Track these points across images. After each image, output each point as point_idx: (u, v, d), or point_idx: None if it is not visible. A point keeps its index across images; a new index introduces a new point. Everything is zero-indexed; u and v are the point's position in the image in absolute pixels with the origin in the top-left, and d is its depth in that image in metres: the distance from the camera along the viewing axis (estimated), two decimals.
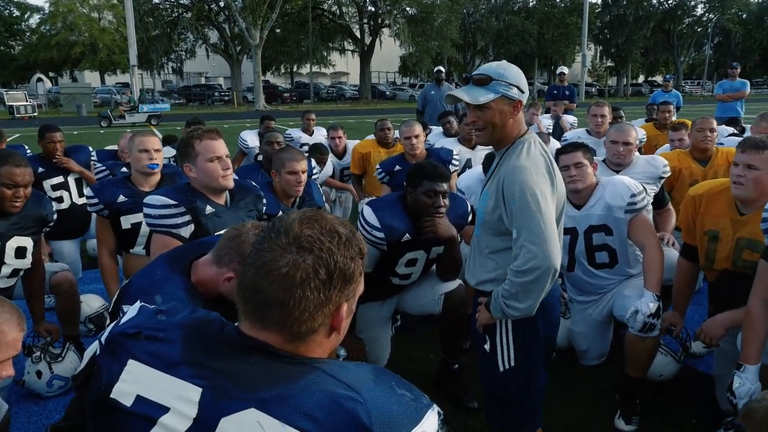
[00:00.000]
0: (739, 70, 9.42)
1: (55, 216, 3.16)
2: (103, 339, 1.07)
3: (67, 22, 40.39)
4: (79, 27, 40.03)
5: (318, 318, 0.95)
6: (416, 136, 4.56)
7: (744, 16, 51.17)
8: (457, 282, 3.01)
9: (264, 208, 2.79)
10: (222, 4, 37.22)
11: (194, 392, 0.92)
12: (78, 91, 30.47)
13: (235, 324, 1.00)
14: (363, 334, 3.03)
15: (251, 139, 6.42)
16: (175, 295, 1.75)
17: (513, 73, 1.96)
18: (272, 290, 0.92)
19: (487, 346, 2.13)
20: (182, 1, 38.39)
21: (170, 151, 5.01)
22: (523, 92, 1.97)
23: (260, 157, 5.49)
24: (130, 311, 1.09)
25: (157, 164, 3.12)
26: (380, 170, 4.71)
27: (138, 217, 3.04)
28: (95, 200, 3.09)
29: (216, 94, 40.09)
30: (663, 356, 2.97)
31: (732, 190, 2.53)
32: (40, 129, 4.57)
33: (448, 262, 2.94)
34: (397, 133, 5.81)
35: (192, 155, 2.44)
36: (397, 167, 4.59)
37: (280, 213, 2.96)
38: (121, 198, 3.08)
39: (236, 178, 2.65)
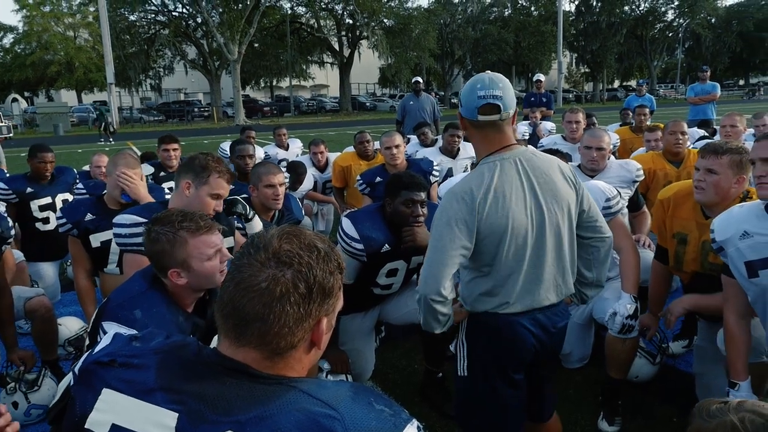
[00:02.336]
0: (709, 73, 9.63)
1: (12, 232, 3.12)
2: (76, 369, 1.06)
3: (42, 41, 40.00)
4: (54, 46, 39.66)
5: (298, 333, 0.95)
6: (396, 146, 4.59)
7: (713, 20, 52.37)
8: None
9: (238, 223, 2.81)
10: (199, 20, 37.13)
11: (170, 418, 0.92)
12: (54, 111, 30.14)
13: (212, 347, 1.00)
14: (346, 346, 3.02)
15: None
16: (155, 310, 1.76)
17: (464, 88, 1.98)
18: (252, 306, 0.92)
19: (452, 347, 2.17)
20: (159, 18, 38.26)
21: (148, 169, 4.97)
22: (469, 110, 1.92)
23: None
24: (104, 339, 1.08)
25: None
26: (361, 182, 4.73)
27: (107, 235, 3.02)
28: (63, 220, 3.08)
29: (195, 109, 39.88)
30: (638, 358, 3.02)
31: (694, 195, 2.56)
32: (30, 148, 4.53)
33: None
34: (377, 144, 5.85)
35: (203, 178, 2.45)
36: (378, 178, 4.61)
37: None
38: (89, 216, 3.06)
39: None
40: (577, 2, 51.86)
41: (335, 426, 0.86)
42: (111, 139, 22.63)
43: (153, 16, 38.27)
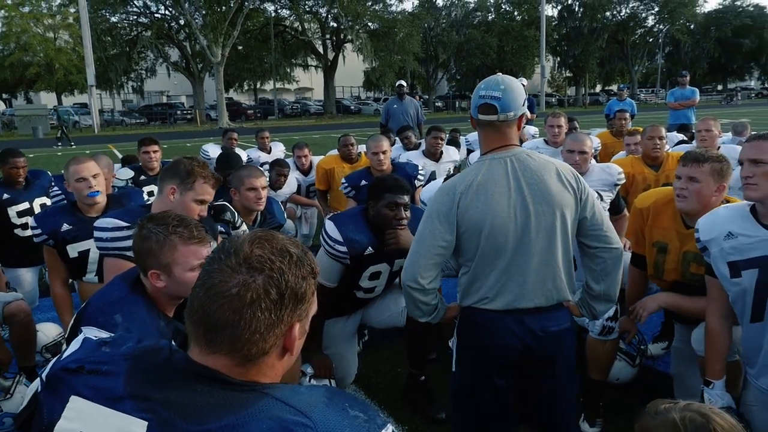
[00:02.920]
0: (688, 79, 9.77)
1: None
2: (44, 376, 1.03)
3: (21, 43, 39.34)
4: (33, 47, 39.03)
5: (269, 339, 0.93)
6: (384, 152, 4.58)
7: (692, 26, 53.28)
8: None
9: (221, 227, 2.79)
10: (182, 22, 36.90)
11: (139, 426, 0.90)
12: (34, 113, 29.70)
13: (184, 352, 0.98)
14: (329, 350, 3.01)
15: (213, 150, 6.40)
16: (135, 314, 1.73)
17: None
18: (222, 312, 0.91)
19: (450, 342, 2.18)
20: (141, 20, 37.93)
21: (128, 173, 4.92)
22: (473, 107, 2.02)
23: None
24: (73, 344, 1.06)
25: (98, 191, 2.99)
26: (346, 184, 4.72)
27: (85, 245, 2.96)
28: (38, 231, 2.97)
29: (178, 112, 39.57)
30: (618, 361, 3.05)
31: (676, 203, 2.57)
32: (1, 154, 4.43)
33: None
34: (361, 148, 5.85)
35: (188, 183, 2.43)
36: (363, 181, 4.60)
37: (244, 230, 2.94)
38: (65, 226, 2.97)
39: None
40: (559, 7, 52.46)
41: None
42: (72, 143, 22.04)
43: (135, 17, 37.96)
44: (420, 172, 4.79)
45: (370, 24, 40.95)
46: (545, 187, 1.93)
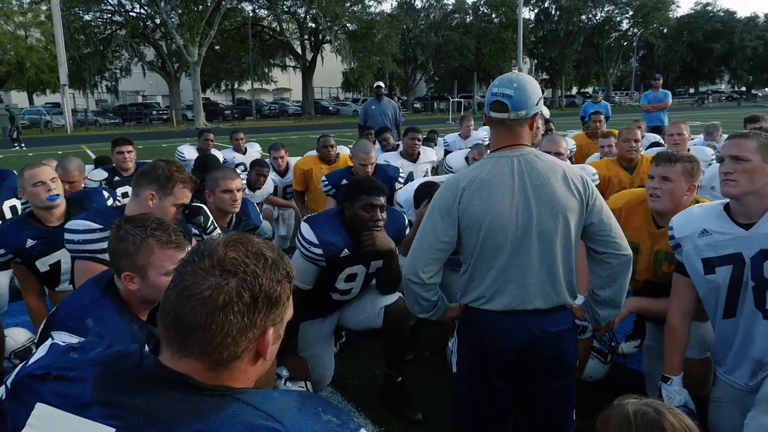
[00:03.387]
0: (661, 82, 9.95)
1: None
2: (9, 382, 1.01)
3: None
4: (3, 45, 38.15)
5: (242, 343, 0.92)
6: (372, 164, 4.55)
7: (665, 31, 54.35)
8: (397, 295, 3.04)
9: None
10: (158, 21, 36.38)
11: None
12: (3, 113, 28.98)
13: (155, 357, 0.97)
14: (305, 352, 2.99)
15: (188, 152, 6.34)
16: (107, 318, 1.70)
17: None
18: (194, 314, 0.90)
19: (450, 343, 2.18)
20: (115, 18, 37.30)
21: (101, 174, 4.84)
22: (486, 104, 2.01)
23: None
24: (40, 350, 1.03)
25: (58, 194, 2.91)
26: (326, 182, 4.69)
27: (54, 258, 2.88)
28: (2, 251, 2.84)
29: (154, 112, 39.00)
30: (591, 359, 3.10)
31: (649, 203, 2.63)
32: None
33: (387, 276, 2.96)
34: (340, 149, 5.84)
35: (168, 189, 2.40)
36: (344, 181, 4.57)
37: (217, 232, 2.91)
38: (30, 242, 2.86)
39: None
40: (536, 10, 53.05)
41: None
42: (23, 145, 21.38)
43: (109, 16, 37.29)
44: (401, 174, 4.79)
45: (348, 25, 40.87)
46: (550, 190, 1.90)
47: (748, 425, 1.91)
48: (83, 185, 4.25)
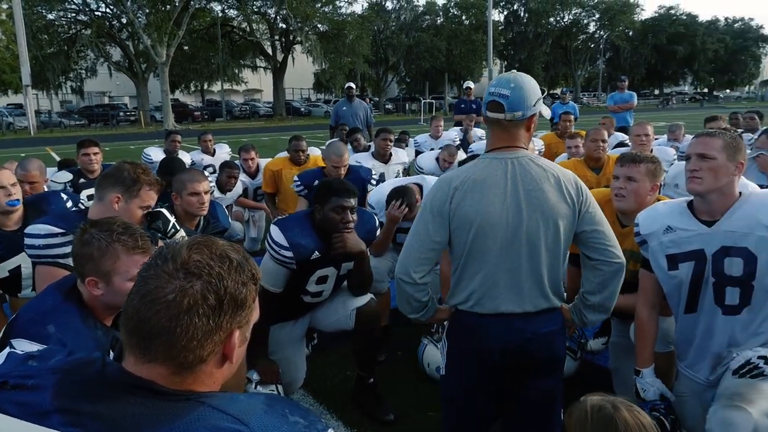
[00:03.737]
0: (627, 83, 10.18)
1: None
2: None
3: None
4: None
5: (207, 346, 0.91)
6: (344, 166, 4.53)
7: (630, 33, 55.58)
8: (369, 296, 3.04)
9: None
10: (124, 20, 35.70)
11: None
12: None
13: (118, 363, 0.95)
14: (276, 355, 2.97)
15: (155, 153, 6.24)
16: (70, 324, 1.65)
17: None
18: (158, 319, 0.89)
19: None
20: (80, 18, 36.45)
21: (66, 176, 4.72)
22: (483, 104, 2.00)
23: None
24: None
25: (18, 200, 2.85)
26: (299, 182, 4.66)
27: (13, 263, 2.82)
28: None
29: (121, 114, 38.27)
30: None
31: (614, 203, 2.70)
32: None
33: (358, 277, 2.96)
34: (311, 151, 5.81)
35: (134, 191, 2.37)
36: (317, 182, 4.55)
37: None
38: None
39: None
40: (506, 13, 53.70)
41: None
42: None
43: (73, 15, 36.42)
44: (373, 176, 4.79)
45: (319, 25, 40.70)
46: (542, 195, 1.87)
47: (710, 420, 1.94)
48: (45, 187, 4.14)
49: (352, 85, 9.19)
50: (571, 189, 1.93)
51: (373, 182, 4.73)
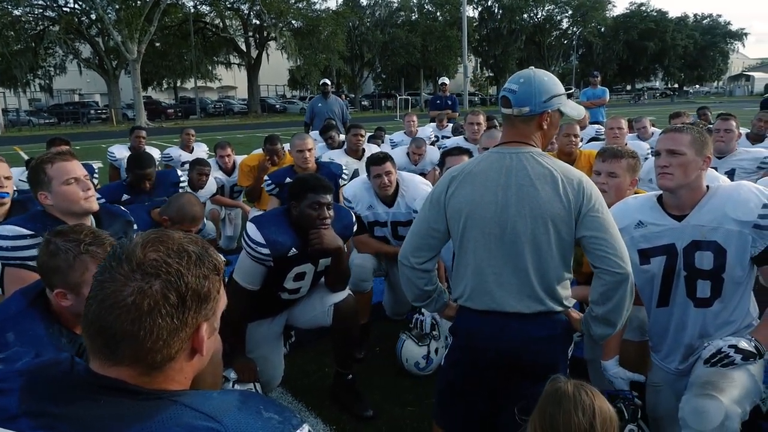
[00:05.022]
0: (599, 79, 10.32)
1: None
2: None
3: None
4: None
5: (174, 344, 0.90)
6: (309, 150, 4.55)
7: (602, 29, 56.36)
8: (347, 292, 3.03)
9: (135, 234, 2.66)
10: (94, 16, 34.92)
11: None
12: None
13: (87, 364, 0.93)
14: (253, 353, 2.94)
15: (119, 151, 6.16)
16: (31, 332, 1.60)
17: None
18: (119, 323, 0.86)
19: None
20: (47, 14, 35.57)
21: None
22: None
23: None
24: None
25: (7, 193, 2.84)
26: (269, 182, 4.66)
27: None
28: None
29: (92, 111, 37.53)
30: None
31: None
32: None
33: (336, 274, 2.95)
34: (286, 147, 5.77)
35: (45, 181, 2.28)
36: (288, 179, 4.54)
37: None
38: None
39: (103, 201, 2.49)
40: (480, 9, 53.96)
41: None
42: None
43: (40, 11, 35.52)
44: (344, 171, 4.79)
45: (293, 22, 40.39)
46: (533, 192, 1.83)
47: (683, 408, 1.96)
48: (14, 187, 4.05)
49: (328, 81, 9.14)
50: (570, 190, 1.84)
51: (345, 177, 4.73)
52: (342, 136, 6.74)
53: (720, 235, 2.09)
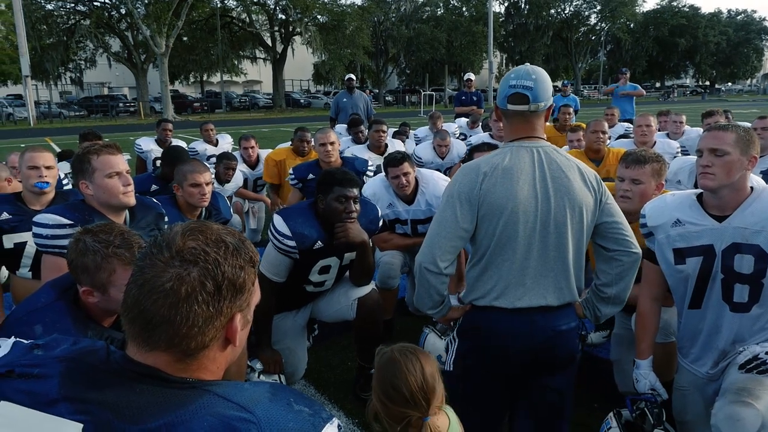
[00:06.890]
0: (629, 75, 10.13)
1: None
2: None
3: None
4: None
5: (209, 332, 0.92)
6: (331, 143, 4.55)
7: (632, 25, 55.32)
8: (371, 286, 3.04)
9: (166, 225, 2.70)
10: (123, 11, 35.52)
11: (74, 429, 0.87)
12: None
13: (123, 351, 0.96)
14: (278, 345, 2.98)
15: (146, 144, 6.25)
16: (59, 324, 1.62)
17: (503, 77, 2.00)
18: (157, 308, 0.89)
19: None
20: (79, 8, 36.26)
21: (66, 167, 4.72)
22: (501, 98, 1.97)
23: (159, 162, 5.34)
24: (3, 348, 1.01)
25: (48, 183, 2.91)
26: (293, 176, 4.67)
27: (23, 237, 2.85)
28: None
29: (120, 104, 38.22)
30: None
31: (619, 204, 2.64)
32: None
33: (360, 268, 2.96)
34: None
35: (89, 171, 2.32)
36: (311, 175, 4.56)
37: None
38: (5, 215, 2.86)
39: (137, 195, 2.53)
40: (506, 4, 53.44)
41: (250, 429, 0.84)
42: None
43: (72, 5, 36.22)
44: (370, 167, 4.78)
45: (319, 17, 40.53)
46: (568, 183, 1.86)
47: (716, 415, 1.90)
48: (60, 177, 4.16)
49: (353, 76, 9.15)
50: (592, 179, 1.93)
51: (370, 173, 4.73)
52: (367, 132, 6.75)
53: (763, 238, 2.01)
